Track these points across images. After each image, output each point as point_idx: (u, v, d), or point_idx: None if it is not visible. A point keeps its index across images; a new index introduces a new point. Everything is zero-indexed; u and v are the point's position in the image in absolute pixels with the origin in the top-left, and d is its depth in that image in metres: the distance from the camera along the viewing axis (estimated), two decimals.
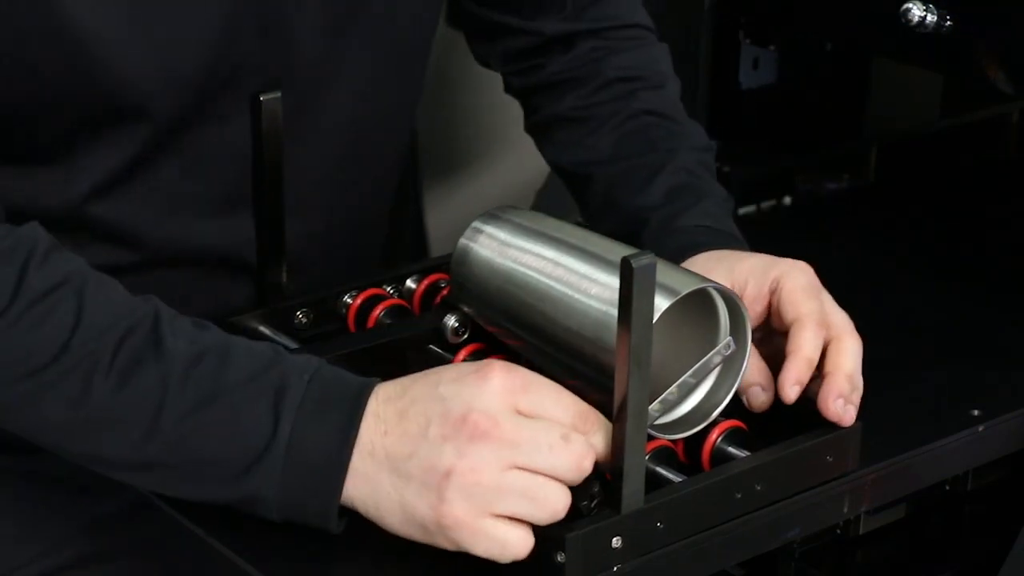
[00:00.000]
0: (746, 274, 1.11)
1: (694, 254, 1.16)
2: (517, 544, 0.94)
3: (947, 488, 1.22)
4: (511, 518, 0.94)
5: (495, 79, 1.39)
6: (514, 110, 1.39)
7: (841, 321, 1.08)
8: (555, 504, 0.94)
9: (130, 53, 1.07)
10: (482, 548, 0.94)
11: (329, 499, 0.97)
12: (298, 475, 0.97)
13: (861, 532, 1.19)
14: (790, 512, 1.03)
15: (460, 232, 1.14)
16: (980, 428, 1.13)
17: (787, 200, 1.60)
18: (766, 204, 1.59)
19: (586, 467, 0.95)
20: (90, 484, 1.15)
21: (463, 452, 0.94)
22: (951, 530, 1.25)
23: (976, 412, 1.14)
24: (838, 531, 1.18)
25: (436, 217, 1.90)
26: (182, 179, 1.14)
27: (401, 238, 1.78)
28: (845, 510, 1.07)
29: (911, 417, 1.15)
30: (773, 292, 1.10)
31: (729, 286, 1.09)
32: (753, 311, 1.10)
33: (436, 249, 1.86)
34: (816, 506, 1.04)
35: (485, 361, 0.99)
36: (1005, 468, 1.23)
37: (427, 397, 0.96)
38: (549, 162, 1.35)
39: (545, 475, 0.94)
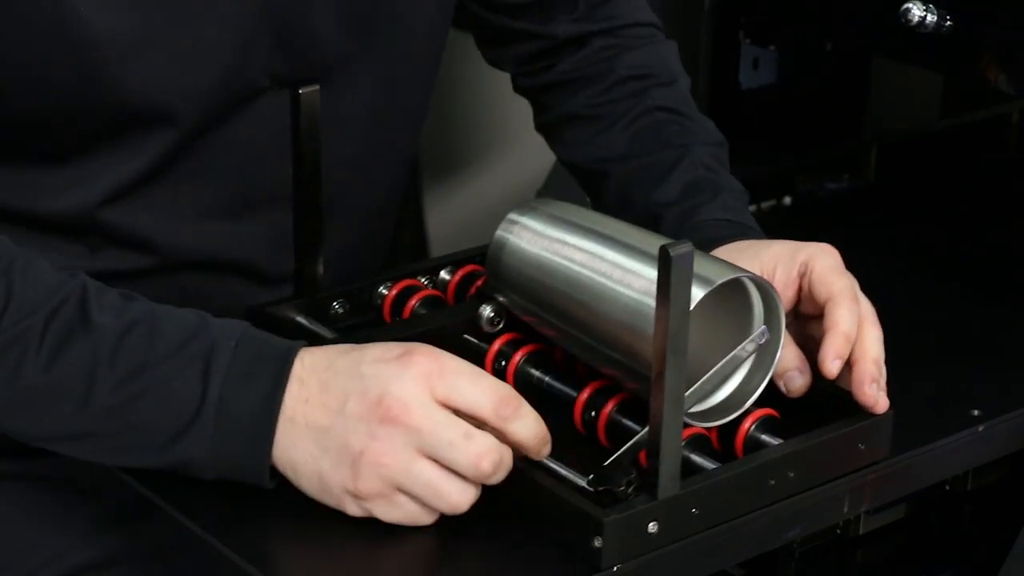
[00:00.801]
0: (774, 261, 1.13)
1: (716, 247, 1.17)
2: (423, 518, 0.98)
3: (947, 488, 1.22)
4: None
5: (495, 79, 1.39)
6: (514, 110, 1.39)
7: (865, 308, 1.09)
8: (455, 501, 0.97)
9: (147, 63, 1.07)
10: (393, 519, 0.99)
11: (261, 458, 1.00)
12: (228, 437, 1.00)
13: (861, 532, 1.19)
14: (790, 512, 1.03)
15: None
16: (980, 428, 1.14)
17: (787, 200, 1.60)
18: (766, 204, 1.59)
19: (484, 467, 0.97)
20: (89, 487, 1.15)
21: (374, 434, 0.97)
22: (951, 530, 1.25)
23: (976, 412, 1.14)
24: (838, 531, 1.18)
25: (436, 217, 1.90)
26: (197, 184, 1.15)
27: (401, 238, 1.78)
28: (845, 510, 1.07)
29: (911, 417, 1.15)
30: (803, 275, 1.11)
31: (758, 273, 1.10)
32: (784, 296, 1.11)
33: (436, 249, 1.86)
34: (816, 506, 1.04)
35: (410, 345, 1.00)
36: (1005, 468, 1.23)
37: (349, 373, 0.99)
38: (562, 160, 1.36)
39: (447, 468, 0.97)
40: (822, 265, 1.11)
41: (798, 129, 1.67)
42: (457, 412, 0.98)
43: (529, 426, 0.99)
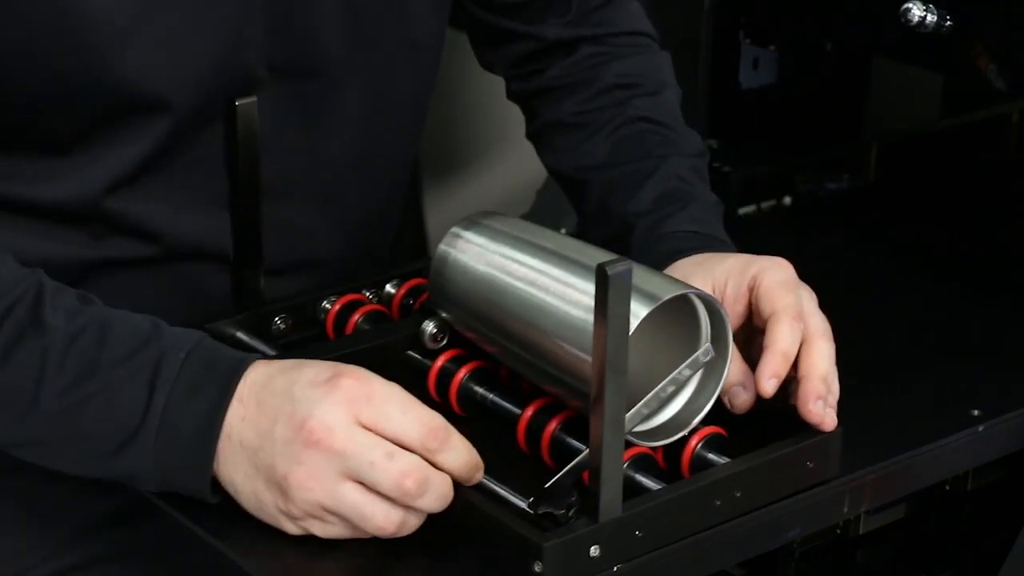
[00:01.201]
0: (725, 274, 1.12)
1: (678, 259, 1.16)
2: (360, 534, 0.98)
3: (947, 488, 1.22)
4: None
5: (495, 79, 1.39)
6: (514, 111, 1.39)
7: (816, 323, 1.08)
8: (380, 523, 0.97)
9: (141, 48, 1.07)
10: (330, 535, 0.99)
11: (202, 473, 1.00)
12: (170, 451, 1.00)
13: (861, 532, 1.19)
14: (790, 512, 1.03)
15: None
16: (980, 428, 1.13)
17: (787, 200, 1.60)
18: (766, 204, 1.59)
19: (408, 486, 0.96)
20: (89, 485, 1.15)
21: (299, 458, 0.97)
22: (951, 530, 1.25)
23: (976, 412, 1.14)
24: (838, 531, 1.18)
25: (436, 217, 1.90)
26: (196, 175, 1.15)
27: (401, 238, 1.78)
28: (845, 510, 1.07)
29: (911, 417, 1.15)
30: (752, 289, 1.10)
31: (710, 287, 1.10)
32: (734, 311, 1.10)
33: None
34: (816, 506, 1.04)
35: (341, 367, 1.00)
36: (1005, 468, 1.23)
37: (283, 393, 0.99)
38: (548, 169, 1.36)
39: (373, 491, 0.97)
40: (770, 280, 1.09)
41: (798, 129, 1.67)
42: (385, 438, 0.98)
43: (459, 457, 0.98)
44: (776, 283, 1.09)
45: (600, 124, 1.31)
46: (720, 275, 1.12)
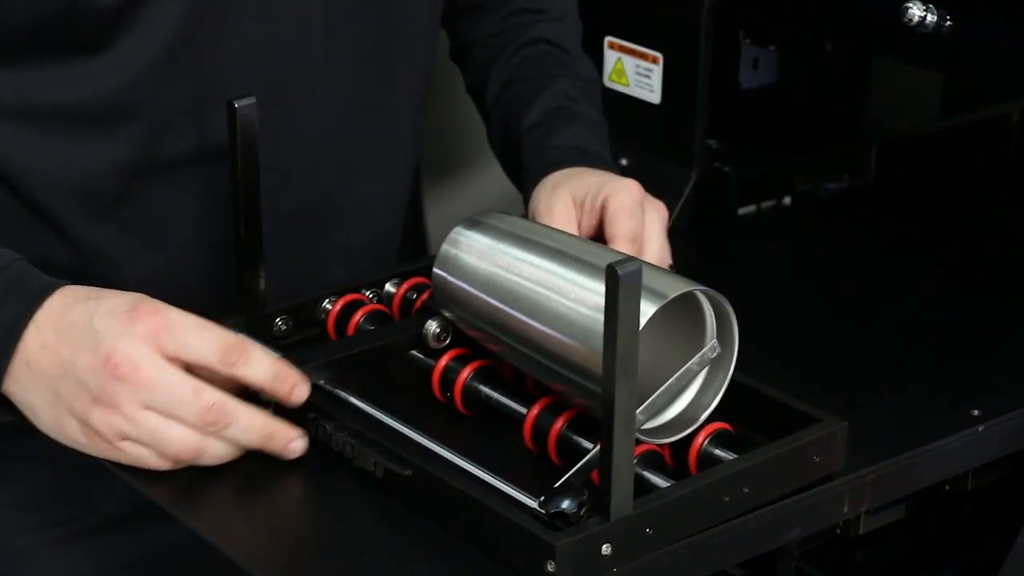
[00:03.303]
0: (584, 190, 1.19)
1: (552, 171, 1.24)
2: (149, 461, 1.02)
3: (947, 488, 1.22)
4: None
5: None
6: None
7: (653, 248, 1.16)
8: (178, 448, 1.01)
9: None
10: (122, 461, 1.03)
11: None
12: None
13: (861, 532, 1.19)
14: (790, 512, 1.03)
15: None
16: (980, 428, 1.13)
17: (787, 200, 1.60)
18: (766, 204, 1.59)
19: (211, 418, 1.01)
20: (88, 486, 1.16)
21: (104, 388, 1.01)
22: (951, 530, 1.25)
23: (976, 412, 1.14)
24: (838, 531, 1.18)
25: (436, 217, 1.90)
26: (219, 65, 1.16)
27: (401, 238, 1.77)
28: (845, 510, 1.07)
29: (911, 417, 1.15)
30: (603, 208, 1.17)
31: (571, 199, 1.18)
32: (590, 224, 1.18)
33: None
34: (816, 506, 1.04)
35: (136, 298, 1.03)
36: (1005, 468, 1.23)
37: (82, 325, 1.03)
38: (468, 90, 1.43)
39: (170, 416, 1.01)
40: (615, 204, 1.17)
41: (798, 129, 1.67)
42: (187, 365, 1.02)
43: (259, 369, 1.03)
44: (621, 207, 1.16)
45: (506, 44, 1.39)
46: (580, 190, 1.19)
